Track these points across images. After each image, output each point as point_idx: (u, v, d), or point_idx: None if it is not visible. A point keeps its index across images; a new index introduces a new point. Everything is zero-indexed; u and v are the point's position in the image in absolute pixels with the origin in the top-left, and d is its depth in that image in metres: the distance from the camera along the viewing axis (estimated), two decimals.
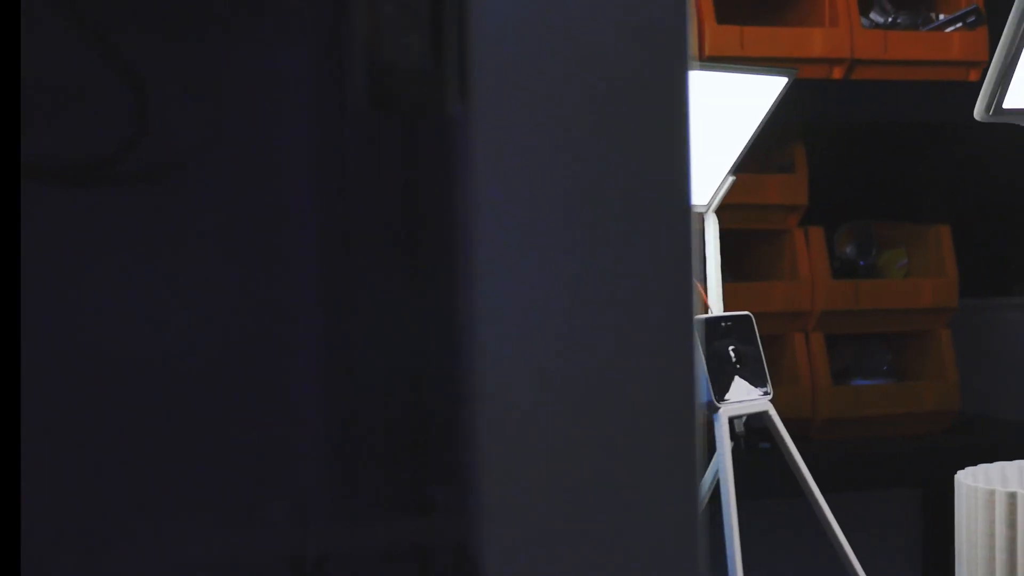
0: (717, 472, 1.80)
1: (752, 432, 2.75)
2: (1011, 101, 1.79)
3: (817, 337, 3.05)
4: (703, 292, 1.76)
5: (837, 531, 1.84)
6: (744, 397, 1.72)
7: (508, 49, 0.89)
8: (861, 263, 3.23)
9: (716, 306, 1.77)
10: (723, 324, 1.69)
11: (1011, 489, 1.83)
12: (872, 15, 3.07)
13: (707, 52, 2.86)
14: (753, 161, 3.01)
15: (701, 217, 2.11)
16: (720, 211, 2.89)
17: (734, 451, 1.76)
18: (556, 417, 0.89)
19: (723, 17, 2.92)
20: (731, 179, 1.88)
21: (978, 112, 1.80)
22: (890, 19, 3.06)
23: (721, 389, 1.65)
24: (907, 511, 3.23)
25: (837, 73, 2.97)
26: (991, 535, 1.82)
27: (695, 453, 0.89)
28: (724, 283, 2.91)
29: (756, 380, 1.70)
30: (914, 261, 3.23)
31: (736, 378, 1.72)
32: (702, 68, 1.81)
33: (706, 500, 1.83)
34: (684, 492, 0.89)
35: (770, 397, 1.75)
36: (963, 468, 1.98)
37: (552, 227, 0.89)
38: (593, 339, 0.88)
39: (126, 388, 0.97)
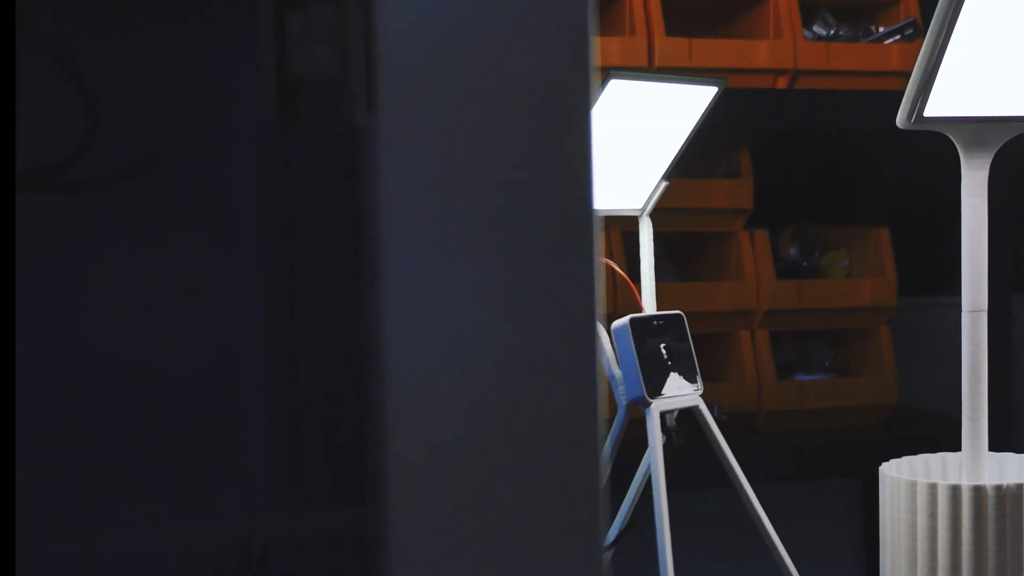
0: (650, 464, 1.88)
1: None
2: (932, 109, 1.82)
3: (762, 334, 3.11)
4: (636, 292, 1.81)
5: (765, 521, 1.88)
6: (676, 392, 1.75)
7: (415, 60, 0.92)
8: (804, 264, 3.28)
9: (649, 305, 1.81)
10: (655, 323, 1.72)
11: (932, 480, 1.85)
12: (815, 28, 3.15)
13: (656, 63, 2.94)
14: (701, 167, 3.16)
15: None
16: (669, 215, 2.95)
17: (666, 444, 1.82)
18: (465, 415, 0.93)
19: (672, 30, 2.98)
20: (665, 184, 1.91)
21: (900, 120, 1.83)
22: (832, 31, 3.14)
23: (653, 385, 1.68)
24: (848, 500, 3.31)
25: (781, 83, 3.04)
26: (913, 524, 1.83)
27: (597, 451, 0.94)
28: (674, 283, 3.02)
29: (687, 376, 1.75)
30: (855, 262, 3.29)
31: (669, 374, 1.76)
32: (635, 78, 1.83)
33: (640, 492, 1.88)
34: (587, 487, 0.94)
35: (700, 392, 1.79)
36: (902, 459, 2.00)
37: (458, 232, 0.92)
38: (500, 341, 0.92)
39: (78, 383, 1.05)
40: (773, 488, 3.28)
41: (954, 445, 2.98)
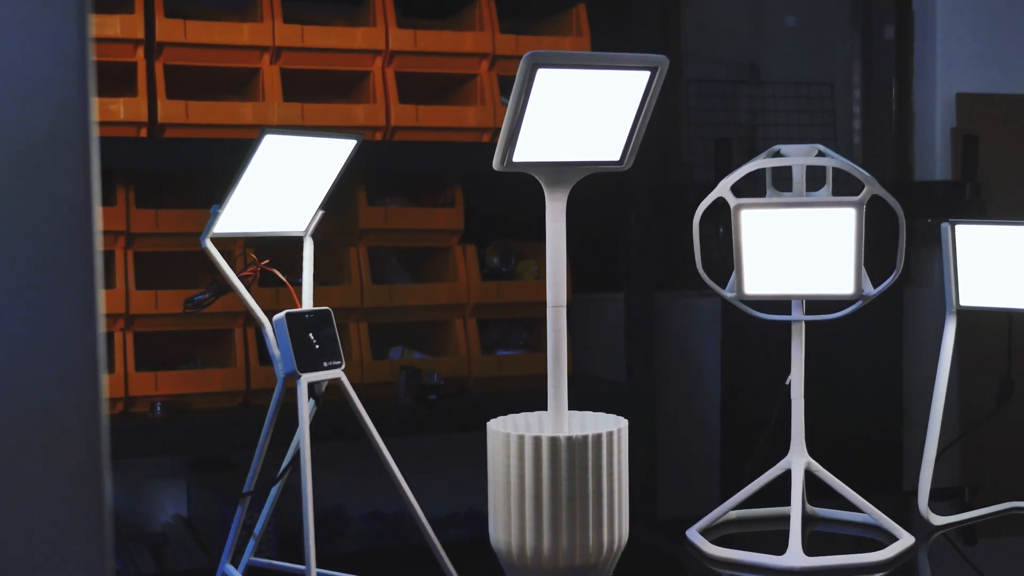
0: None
1: (424, 388, 3.19)
2: (518, 156, 1.84)
3: (472, 322, 3.34)
4: (295, 294, 1.86)
5: (393, 467, 1.88)
6: (323, 368, 1.77)
7: None
8: (503, 269, 3.51)
9: (307, 303, 1.84)
10: (307, 316, 1.75)
11: (521, 432, 1.87)
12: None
13: (393, 123, 3.22)
14: (427, 199, 3.46)
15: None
16: (403, 234, 3.32)
17: (317, 409, 1.84)
18: None
19: (405, 99, 3.27)
20: (322, 212, 1.91)
21: (495, 164, 1.85)
22: None
23: (302, 362, 1.72)
24: None
25: (486, 138, 3.26)
26: (507, 467, 1.85)
27: (100, 440, 0.91)
28: (407, 285, 3.35)
29: (332, 357, 1.78)
30: (541, 267, 3.42)
31: (318, 354, 1.77)
32: (285, 133, 1.77)
33: (295, 449, 1.89)
34: (92, 476, 0.90)
35: (343, 367, 1.80)
36: (507, 416, 2.00)
37: None
38: (8, 345, 0.88)
39: None
40: (477, 436, 3.60)
41: (616, 404, 3.32)
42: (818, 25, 4.69)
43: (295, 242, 2.06)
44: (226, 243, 2.03)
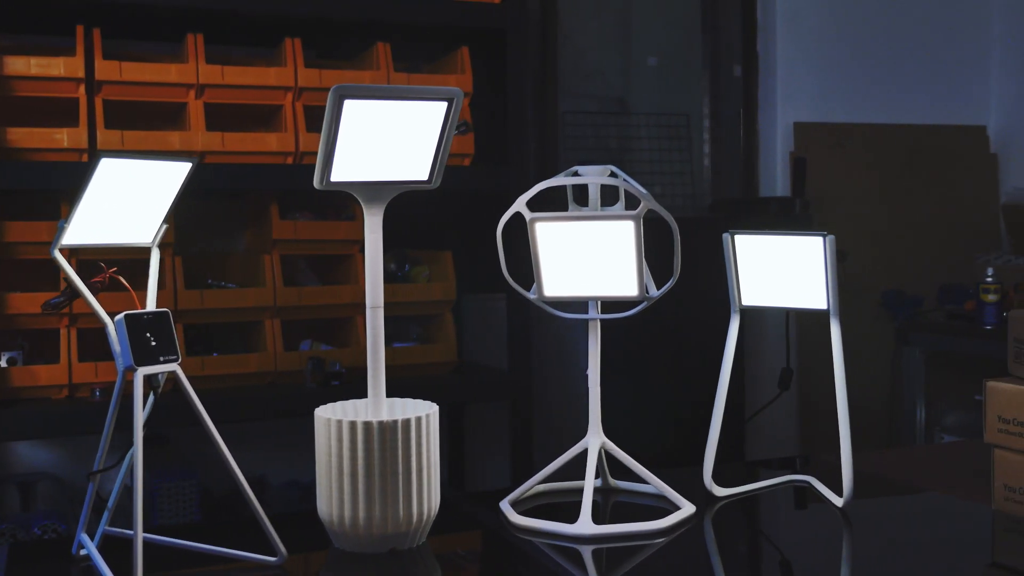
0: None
1: (328, 375, 3.13)
2: (336, 176, 1.75)
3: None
4: (135, 298, 1.74)
5: (225, 449, 1.72)
6: (160, 363, 1.63)
7: None
8: (399, 274, 3.47)
9: (150, 305, 1.72)
10: (146, 317, 1.64)
11: (339, 418, 1.76)
12: None
13: (301, 149, 3.12)
14: (331, 213, 3.41)
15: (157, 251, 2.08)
16: (313, 244, 3.25)
17: (157, 398, 1.73)
18: None
19: (311, 128, 3.17)
20: (165, 226, 1.77)
21: (315, 183, 1.76)
22: None
23: (138, 356, 1.60)
24: None
25: None
26: (329, 448, 1.76)
27: None
28: (316, 287, 3.27)
29: (169, 352, 1.65)
30: (432, 272, 3.49)
31: (154, 350, 1.63)
32: (122, 157, 1.63)
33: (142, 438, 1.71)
34: None
35: (178, 361, 1.67)
36: (336, 403, 1.90)
37: None
38: None
39: None
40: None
41: (499, 389, 3.22)
42: (676, 64, 4.65)
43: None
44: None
